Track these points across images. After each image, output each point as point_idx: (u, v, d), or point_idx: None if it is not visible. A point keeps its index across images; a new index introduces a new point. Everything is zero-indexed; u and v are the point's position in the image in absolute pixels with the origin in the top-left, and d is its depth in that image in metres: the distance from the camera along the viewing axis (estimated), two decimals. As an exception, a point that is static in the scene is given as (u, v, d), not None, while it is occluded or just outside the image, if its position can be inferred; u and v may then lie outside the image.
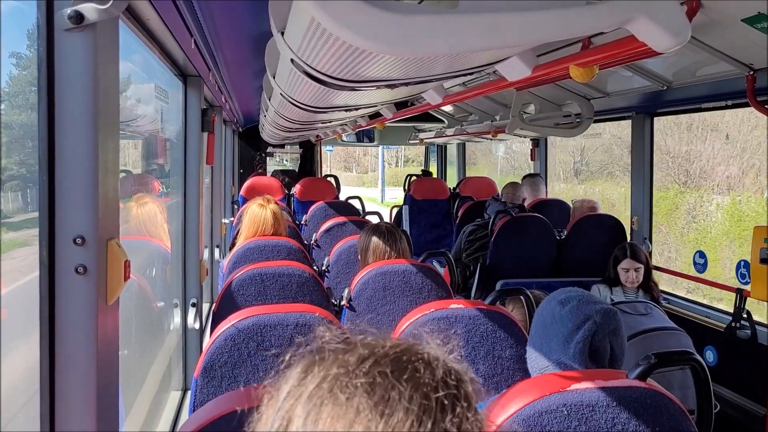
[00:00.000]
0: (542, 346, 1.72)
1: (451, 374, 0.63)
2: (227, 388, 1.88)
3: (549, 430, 1.37)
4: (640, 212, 4.39)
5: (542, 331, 1.73)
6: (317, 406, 0.59)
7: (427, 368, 0.62)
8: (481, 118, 6.27)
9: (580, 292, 1.74)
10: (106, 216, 1.23)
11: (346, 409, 0.58)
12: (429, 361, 0.63)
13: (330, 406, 0.59)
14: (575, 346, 1.62)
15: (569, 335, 1.64)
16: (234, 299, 2.57)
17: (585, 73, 1.70)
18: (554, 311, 1.71)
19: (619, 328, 1.67)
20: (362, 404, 0.58)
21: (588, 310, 1.65)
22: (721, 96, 3.31)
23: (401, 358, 0.62)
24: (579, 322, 1.64)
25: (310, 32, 1.15)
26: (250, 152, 8.73)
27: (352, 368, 0.61)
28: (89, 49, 1.16)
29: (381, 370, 0.60)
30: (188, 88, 3.35)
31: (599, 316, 1.63)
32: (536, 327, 1.76)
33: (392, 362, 0.62)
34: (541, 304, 1.80)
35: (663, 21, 1.12)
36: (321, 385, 0.61)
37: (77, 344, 1.18)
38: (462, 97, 2.66)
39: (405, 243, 2.95)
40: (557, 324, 1.68)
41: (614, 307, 1.72)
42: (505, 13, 1.04)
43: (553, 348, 1.67)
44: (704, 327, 3.68)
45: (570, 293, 1.74)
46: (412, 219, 7.46)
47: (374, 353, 0.63)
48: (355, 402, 0.58)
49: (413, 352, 0.64)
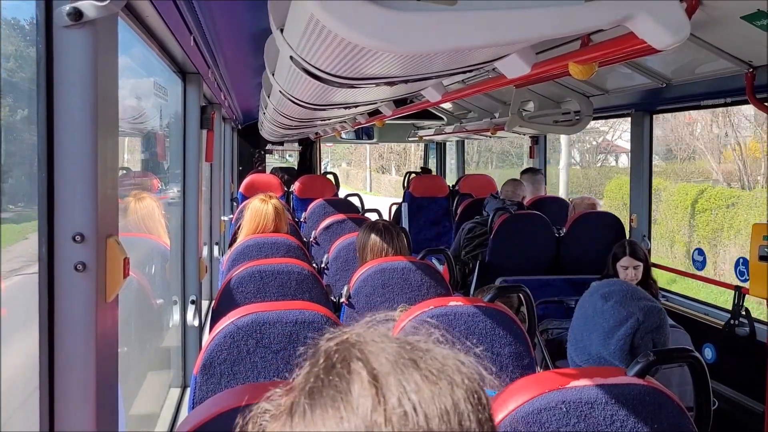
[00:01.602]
0: (582, 339, 1.71)
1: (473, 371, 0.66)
2: (227, 385, 1.88)
3: (548, 427, 1.37)
4: (639, 210, 4.40)
5: (583, 323, 1.71)
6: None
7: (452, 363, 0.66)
8: (481, 116, 6.27)
9: (624, 286, 1.72)
10: (106, 213, 1.23)
11: None
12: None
13: None
14: (616, 343, 1.62)
15: (611, 331, 1.63)
16: (233, 296, 2.57)
17: (584, 71, 1.70)
18: (596, 305, 1.69)
19: (663, 326, 1.66)
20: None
21: (631, 306, 1.64)
22: (721, 93, 3.31)
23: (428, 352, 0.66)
24: (621, 318, 1.63)
25: (310, 29, 1.15)
26: (249, 149, 8.73)
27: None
28: (88, 46, 1.16)
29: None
30: (187, 86, 3.34)
31: (642, 314, 1.62)
32: (578, 318, 1.74)
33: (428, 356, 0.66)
34: (584, 296, 1.78)
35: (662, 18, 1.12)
36: None
37: (77, 341, 1.18)
38: (461, 95, 2.66)
39: (403, 240, 2.95)
40: (599, 317, 1.67)
41: (658, 304, 1.71)
42: (504, 10, 1.04)
43: (594, 341, 1.67)
44: (703, 324, 3.69)
45: (613, 287, 1.72)
46: (411, 216, 7.46)
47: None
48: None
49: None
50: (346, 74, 1.49)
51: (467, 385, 0.64)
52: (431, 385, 0.62)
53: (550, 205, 5.51)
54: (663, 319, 1.65)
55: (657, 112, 4.31)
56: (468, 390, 0.63)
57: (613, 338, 1.62)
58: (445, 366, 0.65)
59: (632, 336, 1.62)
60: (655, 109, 4.21)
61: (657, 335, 1.63)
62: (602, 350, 1.65)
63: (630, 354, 1.62)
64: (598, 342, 1.66)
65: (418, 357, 0.64)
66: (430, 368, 0.63)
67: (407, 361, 0.63)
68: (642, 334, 1.61)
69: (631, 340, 1.62)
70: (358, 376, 0.62)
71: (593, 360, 1.69)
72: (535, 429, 1.37)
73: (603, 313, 1.66)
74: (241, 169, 8.44)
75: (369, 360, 0.64)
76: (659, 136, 17.34)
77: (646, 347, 1.62)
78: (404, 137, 9.64)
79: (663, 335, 1.65)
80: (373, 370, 0.63)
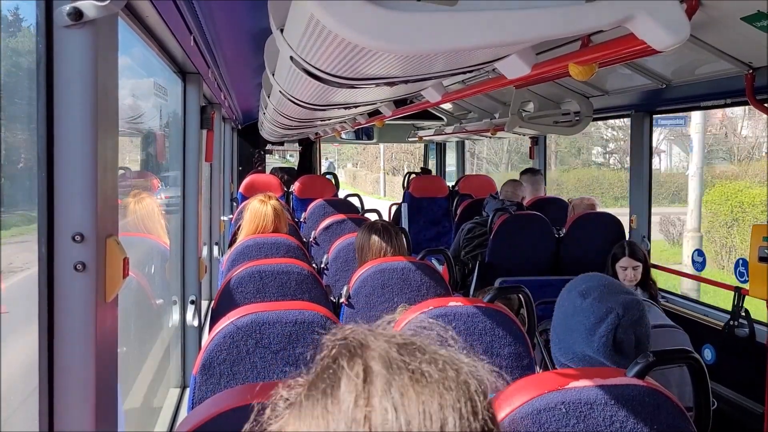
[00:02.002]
0: (565, 338, 1.71)
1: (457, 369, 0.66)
2: (226, 385, 1.88)
3: (547, 428, 1.37)
4: (638, 210, 4.40)
5: (564, 322, 1.71)
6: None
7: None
8: (481, 116, 6.27)
9: (601, 280, 1.71)
10: (105, 213, 1.23)
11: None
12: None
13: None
14: (599, 340, 1.62)
15: (592, 328, 1.63)
16: (233, 296, 2.57)
17: (584, 72, 1.70)
18: (575, 303, 1.69)
19: (643, 317, 1.66)
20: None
21: (610, 302, 1.64)
22: (720, 94, 3.31)
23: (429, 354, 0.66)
24: (601, 315, 1.62)
25: (310, 30, 1.15)
26: (249, 150, 8.72)
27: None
28: (88, 46, 1.16)
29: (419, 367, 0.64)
30: (187, 85, 3.34)
31: (621, 308, 1.62)
32: (558, 318, 1.74)
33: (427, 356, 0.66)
34: (562, 294, 1.78)
35: (662, 19, 1.12)
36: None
37: (76, 341, 1.18)
38: (461, 95, 2.66)
39: (403, 240, 2.95)
40: (579, 316, 1.66)
41: (636, 296, 1.71)
42: (505, 10, 1.04)
43: (577, 340, 1.66)
44: (702, 325, 3.69)
45: (590, 282, 1.72)
46: (410, 217, 7.46)
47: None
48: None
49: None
50: (346, 74, 1.49)
51: (461, 392, 0.63)
52: (421, 388, 0.62)
53: (549, 205, 5.52)
54: (642, 311, 1.65)
55: (657, 113, 4.31)
56: (460, 397, 0.63)
57: (596, 335, 1.63)
58: (442, 370, 0.64)
59: (614, 331, 1.62)
60: (654, 110, 4.21)
61: (638, 328, 1.63)
62: (586, 348, 1.65)
63: (614, 349, 1.62)
64: (581, 340, 1.66)
65: (415, 359, 0.64)
66: (425, 371, 0.63)
67: (401, 363, 0.64)
68: (623, 328, 1.62)
69: (614, 336, 1.62)
70: (348, 374, 0.63)
71: (578, 358, 1.69)
72: (535, 429, 1.37)
73: (583, 311, 1.66)
74: (241, 169, 8.44)
75: (365, 359, 0.64)
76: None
77: (629, 341, 1.62)
78: (404, 138, 9.64)
79: (644, 327, 1.65)
80: (366, 369, 0.63)
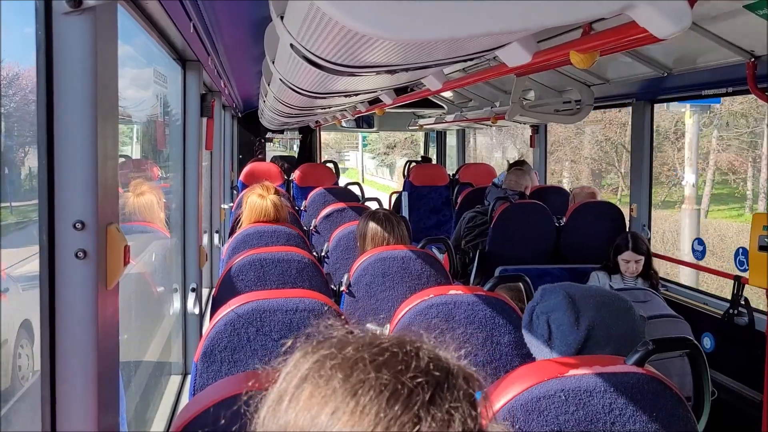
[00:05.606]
0: (543, 348, 1.71)
1: (438, 365, 0.66)
2: (227, 372, 1.89)
3: (547, 415, 1.38)
4: (639, 200, 4.40)
5: (540, 347, 1.70)
6: (300, 385, 0.67)
7: (411, 357, 0.66)
8: (481, 105, 6.26)
9: (560, 296, 1.69)
10: (106, 201, 1.23)
11: (324, 389, 0.64)
12: (415, 352, 0.67)
13: (311, 386, 0.65)
14: (577, 346, 1.63)
15: (573, 345, 1.63)
16: (234, 284, 2.57)
17: (585, 60, 1.69)
18: (544, 332, 1.69)
19: (618, 317, 1.66)
20: (338, 385, 0.64)
21: (582, 307, 1.65)
22: (722, 83, 3.30)
23: (387, 347, 0.67)
24: (579, 338, 1.63)
25: (310, 17, 1.15)
26: (250, 138, 8.71)
27: (337, 353, 0.67)
28: (88, 33, 1.15)
29: (362, 356, 0.66)
30: (187, 73, 3.33)
31: (595, 318, 1.63)
32: (533, 345, 1.72)
33: (376, 349, 0.67)
34: (525, 318, 1.76)
35: (664, 7, 1.12)
36: (309, 367, 0.68)
37: (78, 329, 1.18)
38: (462, 83, 2.65)
39: (404, 229, 2.95)
40: (556, 341, 1.66)
41: (605, 297, 1.71)
42: (506, -2, 1.04)
43: (555, 348, 1.67)
44: (702, 314, 3.70)
45: (550, 301, 1.69)
46: (411, 205, 7.46)
47: (366, 343, 0.68)
48: (333, 383, 0.64)
49: (403, 342, 0.68)
50: (346, 62, 1.48)
51: (399, 402, 0.61)
52: (348, 396, 0.63)
53: (550, 194, 5.52)
54: (615, 311, 1.65)
55: (658, 101, 4.30)
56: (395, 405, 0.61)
57: (573, 345, 1.63)
58: (377, 378, 0.64)
59: (590, 335, 1.62)
60: (656, 98, 4.20)
61: (614, 328, 1.63)
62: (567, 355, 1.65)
63: (597, 353, 1.62)
64: (561, 349, 1.66)
65: (359, 364, 0.65)
66: (364, 377, 0.64)
67: (335, 365, 0.66)
68: (600, 331, 1.62)
69: (594, 341, 1.63)
70: (291, 371, 0.68)
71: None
72: (534, 417, 1.38)
73: (558, 337, 1.66)
74: (241, 158, 8.43)
75: (308, 358, 0.68)
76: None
77: (608, 341, 1.63)
78: (404, 126, 9.62)
79: (623, 324, 1.65)
80: (305, 370, 0.67)
